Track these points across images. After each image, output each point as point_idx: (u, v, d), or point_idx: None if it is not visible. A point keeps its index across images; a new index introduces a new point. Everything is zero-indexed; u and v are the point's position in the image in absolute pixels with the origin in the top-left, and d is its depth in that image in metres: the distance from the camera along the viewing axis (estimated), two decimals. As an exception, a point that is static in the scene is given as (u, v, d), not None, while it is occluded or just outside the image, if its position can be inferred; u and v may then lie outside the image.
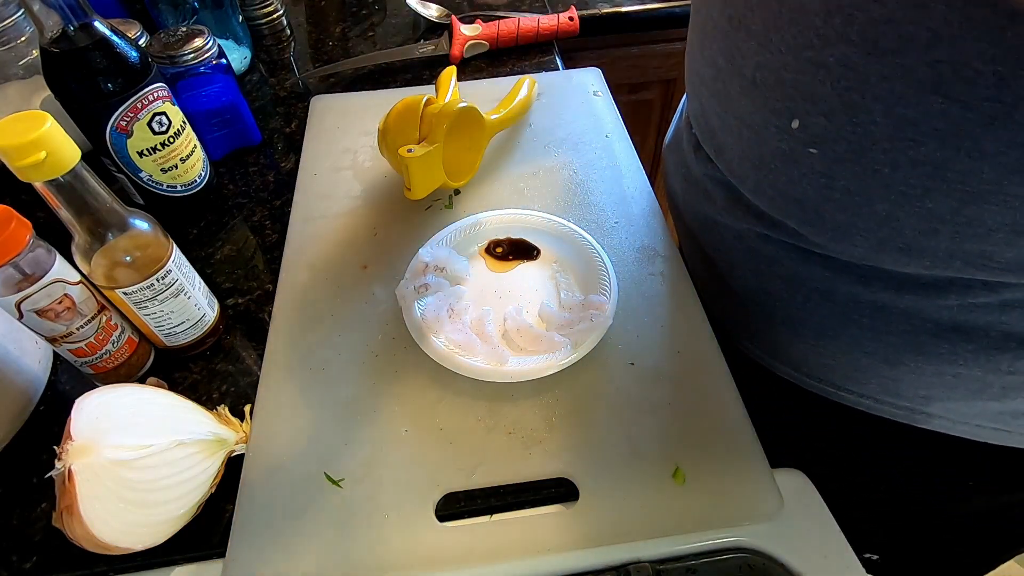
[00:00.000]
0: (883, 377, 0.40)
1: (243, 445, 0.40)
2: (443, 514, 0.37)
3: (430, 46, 0.74)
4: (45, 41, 0.42)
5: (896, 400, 0.41)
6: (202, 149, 0.53)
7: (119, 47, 0.44)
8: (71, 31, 0.41)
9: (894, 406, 0.42)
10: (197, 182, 0.53)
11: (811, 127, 0.32)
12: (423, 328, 0.43)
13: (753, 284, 0.44)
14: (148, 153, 0.49)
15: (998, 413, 0.38)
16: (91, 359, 0.41)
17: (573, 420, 0.40)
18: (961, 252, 0.31)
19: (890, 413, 0.42)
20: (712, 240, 0.47)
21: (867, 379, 0.41)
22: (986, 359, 0.35)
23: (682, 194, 0.51)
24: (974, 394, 0.37)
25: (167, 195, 0.52)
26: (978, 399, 0.38)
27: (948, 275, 0.33)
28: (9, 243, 0.34)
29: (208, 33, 0.56)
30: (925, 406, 0.40)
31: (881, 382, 0.41)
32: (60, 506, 0.33)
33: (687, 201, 0.50)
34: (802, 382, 0.46)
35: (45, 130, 0.32)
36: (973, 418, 0.39)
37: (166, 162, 0.50)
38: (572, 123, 0.62)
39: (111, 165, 0.49)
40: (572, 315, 0.44)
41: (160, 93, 0.47)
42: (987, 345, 0.35)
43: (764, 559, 0.36)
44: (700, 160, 0.47)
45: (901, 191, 0.30)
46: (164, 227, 0.41)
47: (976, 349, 0.35)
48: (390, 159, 0.54)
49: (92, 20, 0.42)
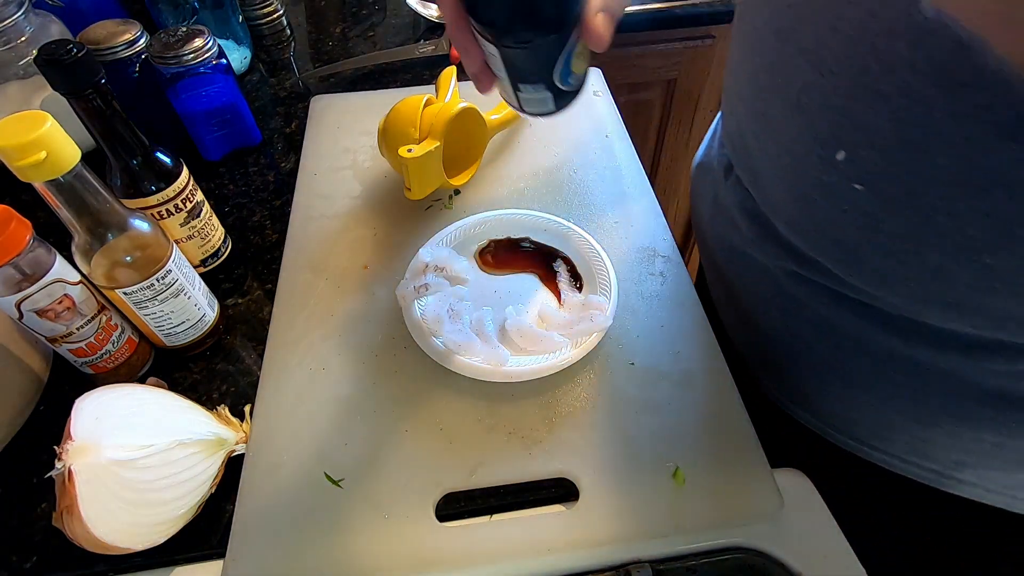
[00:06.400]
0: (914, 437, 0.37)
1: (243, 445, 0.40)
2: (443, 514, 0.37)
3: (430, 46, 0.74)
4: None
5: (925, 462, 0.38)
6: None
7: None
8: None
9: (922, 467, 0.39)
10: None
11: (860, 161, 0.29)
12: (423, 328, 0.43)
13: (779, 324, 0.41)
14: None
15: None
16: (91, 359, 0.41)
17: (573, 420, 0.40)
18: (1019, 314, 0.28)
19: (916, 475, 0.39)
20: (738, 272, 0.44)
21: (896, 437, 0.38)
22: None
23: (708, 219, 0.48)
24: (1015, 465, 0.35)
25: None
26: (1018, 470, 0.35)
27: (1000, 337, 0.30)
28: (9, 243, 0.34)
29: (208, 33, 0.56)
30: (957, 472, 0.37)
31: (911, 442, 0.38)
32: (60, 506, 0.33)
33: (714, 227, 0.47)
34: (825, 432, 0.43)
35: (45, 130, 0.32)
36: (1010, 489, 0.37)
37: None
38: (572, 123, 0.62)
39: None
40: (572, 315, 0.44)
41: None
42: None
43: (764, 559, 0.36)
44: (730, 185, 0.43)
45: (958, 243, 0.27)
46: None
47: (1022, 419, 0.32)
48: (390, 159, 0.54)
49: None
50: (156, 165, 0.43)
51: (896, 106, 0.26)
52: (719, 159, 0.46)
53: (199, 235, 0.48)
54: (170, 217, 0.45)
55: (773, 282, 0.40)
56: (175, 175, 0.44)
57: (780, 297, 0.40)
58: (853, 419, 0.40)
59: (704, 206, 0.49)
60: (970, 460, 0.36)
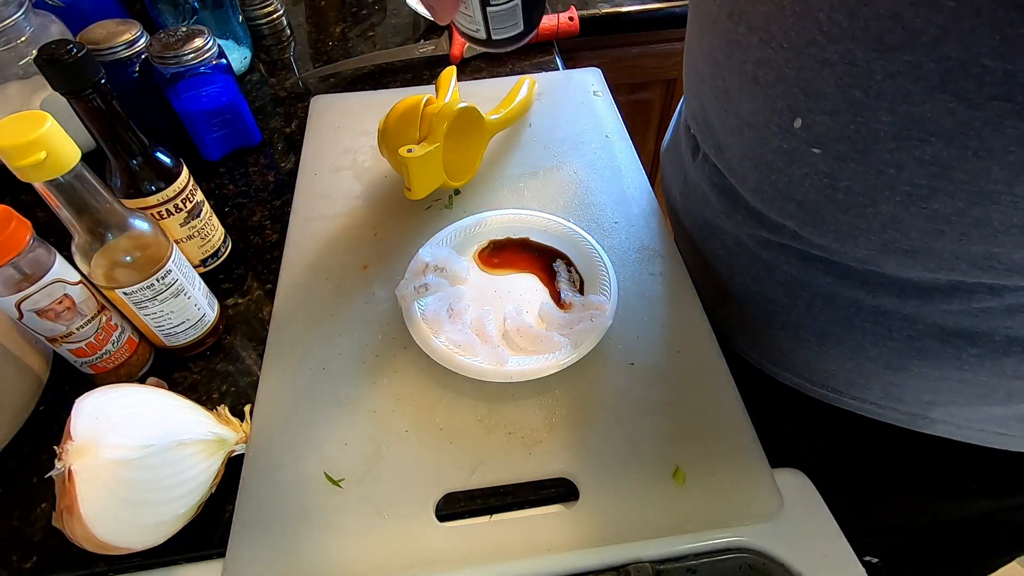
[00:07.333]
0: (886, 382, 0.40)
1: (243, 445, 0.39)
2: (443, 514, 0.37)
3: (430, 46, 0.74)
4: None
5: (899, 405, 0.41)
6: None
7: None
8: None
9: (897, 411, 0.41)
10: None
11: (814, 126, 0.31)
12: (423, 328, 0.43)
13: (753, 290, 0.44)
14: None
15: (1002, 417, 0.38)
16: (91, 359, 0.41)
17: (573, 420, 0.40)
18: (967, 254, 0.31)
19: (892, 418, 0.42)
20: (712, 245, 0.47)
21: (870, 384, 0.41)
22: (991, 364, 0.35)
23: (681, 199, 0.51)
24: (979, 399, 0.37)
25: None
26: (983, 404, 0.37)
27: (953, 279, 0.33)
28: (9, 243, 0.34)
29: (208, 33, 0.56)
30: (928, 411, 0.40)
31: (884, 387, 0.40)
32: (60, 506, 0.33)
33: (686, 206, 0.50)
34: (803, 387, 0.45)
35: (45, 130, 0.32)
36: (977, 423, 0.39)
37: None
38: (572, 123, 0.62)
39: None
40: (572, 315, 0.44)
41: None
42: (992, 350, 0.34)
43: (764, 559, 0.36)
44: (698, 163, 0.46)
45: (906, 192, 0.30)
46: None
47: (981, 354, 0.35)
48: (390, 159, 0.54)
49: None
50: (156, 165, 0.43)
51: (841, 72, 0.29)
52: (686, 141, 0.48)
53: (199, 235, 0.48)
54: (170, 217, 0.45)
55: (745, 251, 0.43)
56: (175, 175, 0.44)
57: (754, 264, 0.42)
58: (829, 371, 0.42)
59: (675, 187, 0.52)
60: (939, 399, 0.38)
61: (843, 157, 0.31)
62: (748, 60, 0.34)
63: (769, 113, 0.34)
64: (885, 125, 0.29)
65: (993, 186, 0.27)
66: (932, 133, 0.27)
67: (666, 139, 0.57)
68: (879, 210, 0.31)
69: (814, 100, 0.31)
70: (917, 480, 0.47)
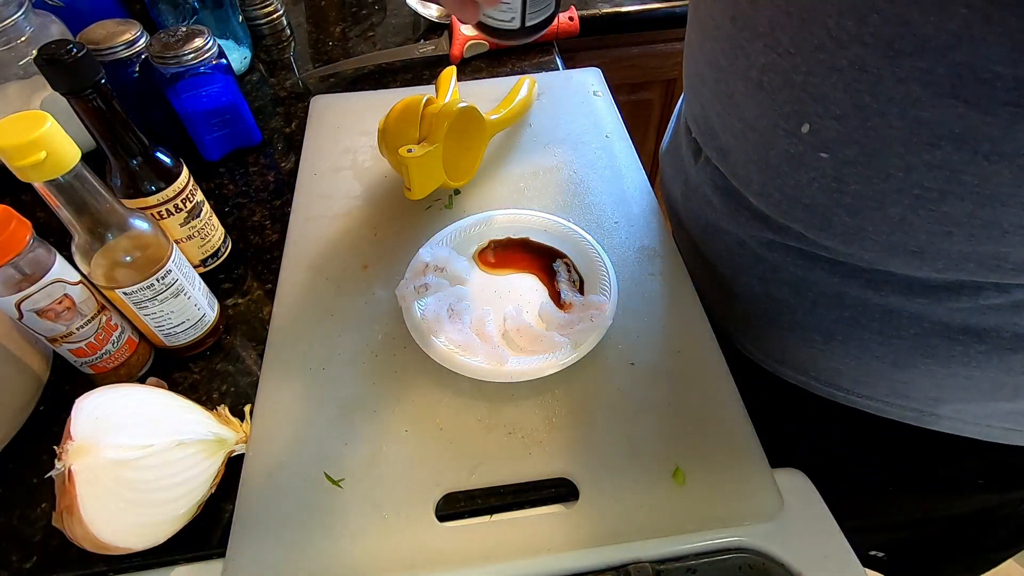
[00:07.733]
0: (893, 380, 0.40)
1: (243, 445, 0.39)
2: (443, 514, 0.37)
3: (430, 46, 0.74)
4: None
5: (906, 402, 0.41)
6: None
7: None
8: None
9: (903, 408, 0.41)
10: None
11: (822, 131, 0.31)
12: (423, 328, 0.43)
13: (758, 290, 0.43)
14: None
15: (1009, 413, 0.38)
16: (91, 359, 0.41)
17: (573, 420, 0.40)
18: (975, 254, 0.31)
19: (899, 415, 0.42)
20: (714, 247, 0.47)
21: (876, 382, 0.41)
22: (999, 360, 0.35)
23: (682, 200, 0.51)
24: (986, 395, 0.37)
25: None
26: (990, 400, 0.37)
27: (960, 278, 0.33)
28: (9, 243, 0.34)
29: (208, 33, 0.56)
30: (935, 408, 0.40)
31: (891, 385, 0.40)
32: (60, 506, 0.33)
33: (687, 207, 0.50)
34: (809, 386, 0.45)
35: (45, 130, 0.32)
36: (984, 419, 0.39)
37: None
38: (572, 123, 0.62)
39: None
40: (572, 315, 0.44)
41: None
42: (999, 346, 0.34)
43: (764, 559, 0.36)
44: (700, 166, 0.46)
45: (915, 195, 0.30)
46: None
47: (988, 351, 0.35)
48: (390, 159, 0.54)
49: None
50: (156, 165, 0.43)
51: (850, 78, 0.29)
52: (687, 143, 0.48)
53: (199, 235, 0.48)
54: (170, 217, 0.45)
55: (749, 252, 0.43)
56: (175, 175, 0.44)
57: (758, 265, 0.42)
58: (835, 370, 0.42)
59: (676, 188, 0.52)
60: (946, 395, 0.38)
61: (851, 161, 0.31)
62: (753, 66, 0.34)
63: (775, 118, 0.34)
64: (894, 130, 0.28)
65: (1003, 189, 0.27)
66: (942, 137, 0.27)
67: (665, 141, 0.56)
68: (887, 213, 0.31)
69: (822, 105, 0.31)
70: (918, 477, 0.47)
